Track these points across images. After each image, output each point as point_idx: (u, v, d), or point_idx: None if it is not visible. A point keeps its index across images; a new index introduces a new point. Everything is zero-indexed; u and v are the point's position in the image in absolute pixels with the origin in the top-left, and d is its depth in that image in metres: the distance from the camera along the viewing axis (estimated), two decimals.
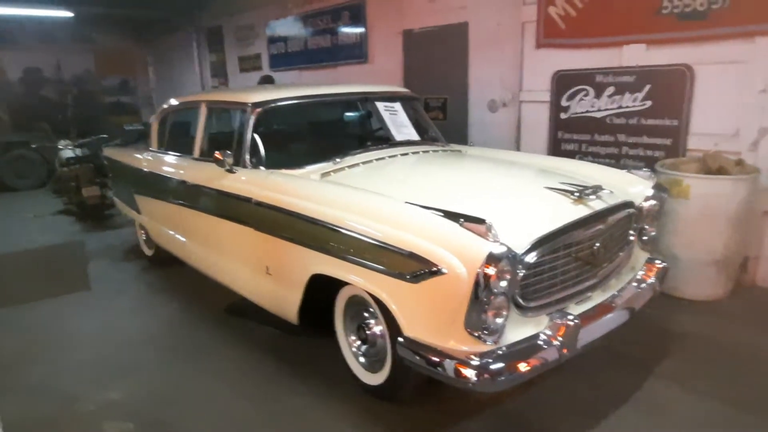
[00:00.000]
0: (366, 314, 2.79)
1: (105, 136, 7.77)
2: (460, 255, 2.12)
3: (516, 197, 2.78)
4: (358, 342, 2.87)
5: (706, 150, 4.10)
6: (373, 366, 2.78)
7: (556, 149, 5.17)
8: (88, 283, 4.78)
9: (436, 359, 2.22)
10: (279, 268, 3.06)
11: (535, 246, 2.31)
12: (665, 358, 3.14)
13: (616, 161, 4.71)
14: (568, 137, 5.08)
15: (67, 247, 6.03)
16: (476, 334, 2.17)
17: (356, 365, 2.87)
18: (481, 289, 2.09)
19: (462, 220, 2.21)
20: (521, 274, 2.26)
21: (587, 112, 4.88)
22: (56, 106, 11.93)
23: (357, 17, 7.24)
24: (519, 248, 2.25)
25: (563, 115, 5.06)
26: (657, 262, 3.07)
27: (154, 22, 12.04)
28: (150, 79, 13.75)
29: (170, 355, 3.46)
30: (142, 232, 5.19)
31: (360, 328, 2.82)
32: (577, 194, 2.64)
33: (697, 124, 4.24)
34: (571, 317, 2.34)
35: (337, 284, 2.78)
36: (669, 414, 2.65)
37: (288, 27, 8.61)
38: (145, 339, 3.71)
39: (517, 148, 5.51)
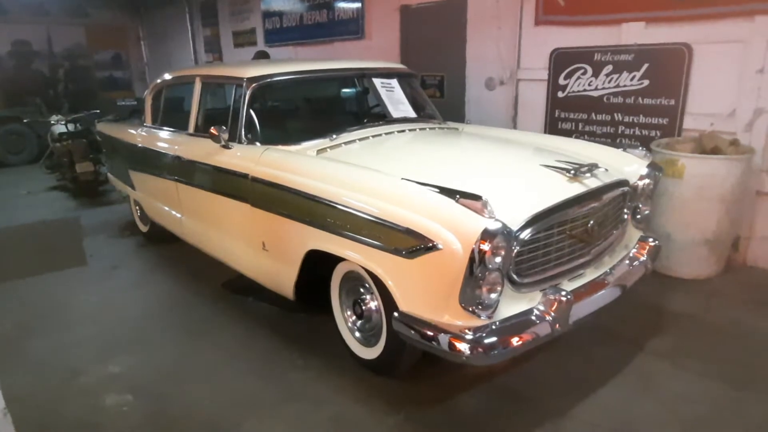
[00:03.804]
0: (362, 290, 2.81)
1: (98, 111, 7.70)
2: (455, 231, 2.14)
3: (512, 174, 2.80)
4: (354, 317, 2.90)
5: (702, 130, 4.12)
6: (368, 341, 2.82)
7: (553, 128, 5.16)
8: (85, 259, 4.79)
9: (431, 333, 2.25)
10: (275, 244, 3.07)
11: (530, 223, 2.33)
12: (656, 335, 3.19)
13: (612, 140, 4.71)
14: (565, 116, 5.07)
15: (62, 222, 6.02)
16: (470, 309, 2.20)
17: (352, 340, 2.91)
18: (476, 264, 2.11)
19: (458, 196, 2.23)
20: (516, 251, 2.29)
21: (585, 90, 4.86)
22: (48, 81, 11.75)
23: None
24: (514, 225, 2.27)
25: (560, 94, 5.05)
26: (650, 240, 3.10)
27: None
28: (143, 54, 13.56)
29: (168, 331, 3.49)
30: (137, 208, 5.19)
31: (356, 304, 2.85)
32: (573, 172, 2.65)
33: (694, 104, 4.24)
34: (563, 293, 2.37)
35: (333, 260, 2.80)
36: (658, 389, 2.70)
37: (284, 1, 8.48)
38: (142, 314, 3.74)
39: (514, 127, 5.50)
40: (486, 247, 2.08)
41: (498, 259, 2.14)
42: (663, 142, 4.12)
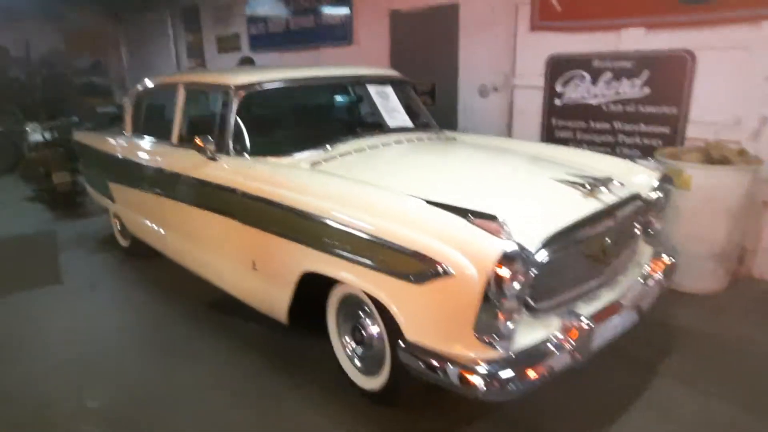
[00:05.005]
0: (361, 314, 2.61)
1: (76, 118, 7.41)
2: (469, 255, 1.95)
3: (522, 190, 2.61)
4: (354, 344, 2.69)
5: (705, 139, 3.99)
6: (370, 369, 2.61)
7: (549, 136, 5.02)
8: (60, 277, 4.50)
9: (442, 366, 2.06)
10: (267, 264, 2.85)
11: (547, 243, 2.15)
12: (669, 355, 3.04)
13: (611, 150, 4.58)
14: (563, 124, 4.93)
15: (37, 236, 5.71)
16: (486, 340, 2.01)
17: (351, 368, 2.70)
18: (493, 291, 1.92)
19: (470, 215, 2.04)
20: (533, 274, 2.10)
21: (583, 98, 4.72)
22: (25, 88, 11.37)
23: None
24: (531, 246, 2.09)
25: (557, 102, 4.90)
26: (664, 257, 2.94)
27: None
28: (123, 60, 13.23)
29: (149, 356, 3.25)
30: (117, 221, 4.92)
31: (355, 329, 2.64)
32: (589, 187, 2.48)
33: (697, 112, 4.12)
34: (584, 319, 2.19)
35: (329, 282, 2.59)
36: (677, 415, 2.54)
37: (269, 6, 8.28)
38: (121, 338, 3.49)
39: (509, 135, 5.36)
40: (505, 272, 1.89)
41: (517, 285, 1.96)
42: (667, 152, 3.98)
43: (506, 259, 1.90)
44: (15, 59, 11.36)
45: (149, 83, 4.26)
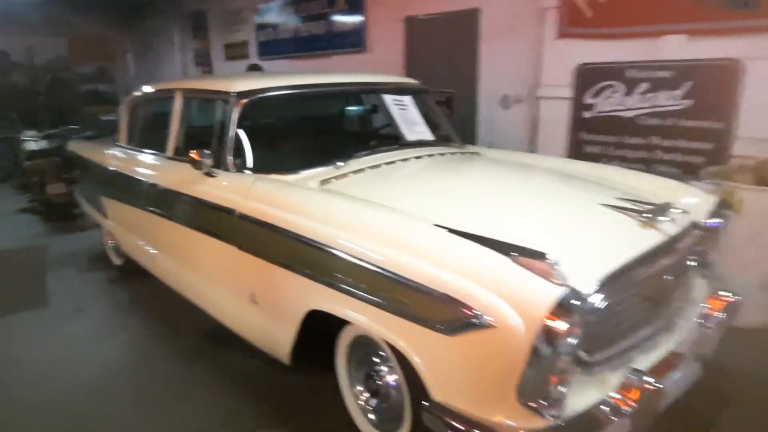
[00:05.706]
0: (376, 359, 2.23)
1: (76, 126, 7.12)
2: (514, 302, 1.58)
3: (568, 218, 2.21)
4: (367, 394, 2.31)
5: (753, 157, 3.62)
6: (387, 424, 2.23)
7: (577, 151, 4.64)
8: (46, 299, 4.14)
9: None
10: (268, 297, 2.49)
11: (603, 285, 1.77)
12: (728, 405, 2.65)
13: (647, 167, 4.19)
14: (592, 138, 4.55)
15: (26, 251, 5.36)
16: (532, 406, 1.63)
17: (365, 423, 2.32)
18: (544, 347, 1.55)
19: (514, 253, 1.67)
20: (588, 323, 1.73)
21: (615, 110, 4.36)
22: (27, 94, 11.17)
23: (354, 2, 6.66)
24: (586, 289, 1.71)
25: (587, 114, 4.53)
26: (723, 293, 2.54)
27: (134, 5, 11.31)
28: (129, 67, 13.00)
29: (132, 398, 2.87)
30: (110, 238, 4.58)
31: (369, 377, 2.26)
32: (648, 215, 2.11)
33: (746, 127, 3.74)
34: (647, 378, 1.80)
35: (340, 321, 2.22)
36: None
37: (278, 12, 8.00)
38: (105, 374, 3.11)
39: (533, 149, 4.99)
40: (560, 325, 1.52)
41: (572, 340, 1.58)
42: (713, 171, 3.59)
43: (561, 308, 1.53)
44: (17, 65, 11.15)
45: (146, 90, 3.94)
